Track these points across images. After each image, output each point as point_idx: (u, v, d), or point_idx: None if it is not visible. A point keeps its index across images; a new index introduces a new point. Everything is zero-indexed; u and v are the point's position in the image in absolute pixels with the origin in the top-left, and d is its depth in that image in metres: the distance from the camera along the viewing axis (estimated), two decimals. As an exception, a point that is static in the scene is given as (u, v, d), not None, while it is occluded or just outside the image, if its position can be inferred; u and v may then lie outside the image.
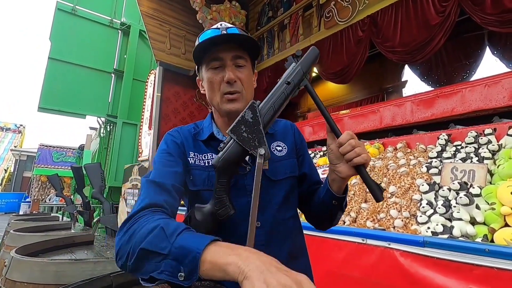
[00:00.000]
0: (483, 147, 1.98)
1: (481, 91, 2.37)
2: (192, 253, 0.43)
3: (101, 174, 1.44)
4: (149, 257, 0.47)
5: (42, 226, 1.47)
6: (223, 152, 0.62)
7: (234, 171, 0.63)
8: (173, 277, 0.44)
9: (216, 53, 0.76)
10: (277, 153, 0.82)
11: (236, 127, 0.61)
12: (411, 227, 1.78)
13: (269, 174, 0.77)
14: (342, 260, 1.44)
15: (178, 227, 0.50)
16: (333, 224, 0.84)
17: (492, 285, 0.97)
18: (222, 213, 0.62)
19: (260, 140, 0.60)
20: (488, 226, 1.50)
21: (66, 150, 14.59)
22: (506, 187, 1.53)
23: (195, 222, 0.61)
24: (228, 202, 0.63)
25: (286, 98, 0.66)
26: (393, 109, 2.93)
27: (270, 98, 0.66)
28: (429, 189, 1.87)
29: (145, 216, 0.56)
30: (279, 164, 0.80)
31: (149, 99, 5.61)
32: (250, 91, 0.82)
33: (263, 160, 0.58)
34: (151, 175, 0.71)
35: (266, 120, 0.64)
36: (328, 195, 0.76)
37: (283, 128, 0.89)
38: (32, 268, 0.64)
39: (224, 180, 0.62)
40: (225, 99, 0.77)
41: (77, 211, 1.80)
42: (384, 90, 5.13)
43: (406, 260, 1.19)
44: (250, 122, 0.61)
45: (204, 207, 0.63)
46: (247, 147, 0.59)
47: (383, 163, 2.45)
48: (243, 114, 0.61)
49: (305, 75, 0.69)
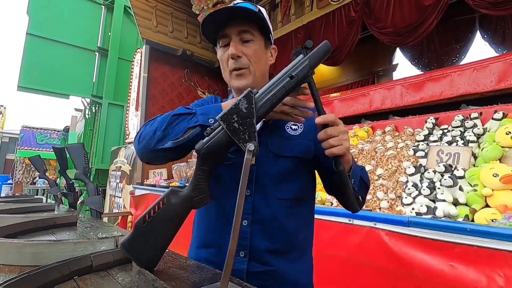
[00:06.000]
0: (468, 131, 2.01)
1: (470, 75, 2.39)
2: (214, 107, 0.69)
3: (85, 155, 1.39)
4: (180, 118, 0.67)
5: (24, 208, 1.42)
6: (209, 138, 0.58)
7: (217, 160, 0.60)
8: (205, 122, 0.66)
9: (223, 31, 0.76)
10: (290, 132, 0.79)
11: (228, 115, 0.56)
12: (396, 208, 1.82)
13: (273, 148, 0.75)
14: (329, 240, 1.46)
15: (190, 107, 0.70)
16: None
17: (472, 261, 1.01)
18: (198, 201, 0.60)
19: (251, 134, 0.56)
20: (469, 207, 1.54)
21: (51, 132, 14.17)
22: (489, 169, 1.56)
23: (169, 205, 0.58)
24: (206, 191, 0.60)
25: (286, 93, 0.61)
26: (383, 92, 2.93)
27: (269, 90, 0.61)
28: (415, 171, 1.91)
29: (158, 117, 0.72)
30: (288, 142, 0.77)
31: (135, 79, 5.43)
32: (260, 67, 0.79)
33: (251, 157, 0.54)
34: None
35: (261, 113, 0.60)
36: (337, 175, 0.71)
37: None
38: (8, 249, 0.62)
39: (205, 168, 0.59)
40: (233, 76, 0.77)
41: (61, 193, 1.75)
42: (374, 73, 5.12)
43: (391, 240, 1.22)
44: (244, 112, 0.56)
45: (180, 191, 0.60)
46: (236, 139, 0.56)
47: (372, 146, 2.48)
48: (238, 102, 0.57)
49: (311, 72, 0.63)
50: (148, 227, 0.56)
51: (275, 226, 0.73)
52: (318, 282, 1.47)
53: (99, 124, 6.64)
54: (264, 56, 0.81)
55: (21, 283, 0.43)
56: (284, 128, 0.80)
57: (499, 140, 1.70)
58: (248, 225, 0.71)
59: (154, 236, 0.54)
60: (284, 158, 0.76)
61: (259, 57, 0.79)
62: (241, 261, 0.70)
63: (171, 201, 0.57)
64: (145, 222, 0.56)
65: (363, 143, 2.62)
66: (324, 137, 0.63)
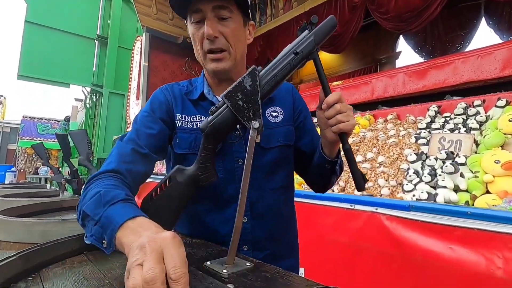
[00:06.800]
0: (471, 118, 2.00)
1: (474, 62, 2.36)
2: (112, 225, 0.45)
3: (88, 141, 1.40)
4: (87, 219, 0.50)
5: (29, 193, 1.44)
6: (213, 117, 0.58)
7: (222, 138, 0.60)
8: (99, 243, 0.47)
9: (195, 4, 0.67)
10: (271, 119, 0.77)
11: (232, 92, 0.55)
12: (397, 195, 1.83)
13: (260, 142, 0.72)
14: (331, 225, 1.48)
15: (115, 197, 0.50)
16: (329, 187, 0.83)
17: (471, 244, 1.03)
18: (204, 179, 0.60)
19: (256, 112, 0.55)
20: (470, 193, 1.56)
21: (52, 122, 14.13)
22: (491, 156, 1.57)
23: (175, 183, 0.59)
24: (212, 169, 0.60)
25: (291, 69, 0.60)
26: (386, 80, 2.91)
27: (274, 67, 0.59)
28: (416, 158, 1.91)
29: (101, 180, 0.57)
30: (272, 131, 0.76)
31: (136, 67, 5.39)
32: (240, 47, 0.73)
33: (256, 134, 0.54)
34: (126, 136, 0.69)
35: (266, 91, 0.58)
36: (321, 159, 0.73)
37: (282, 92, 0.82)
38: (17, 227, 0.63)
39: (210, 146, 0.59)
40: (209, 58, 0.70)
41: (65, 179, 1.77)
42: (377, 61, 5.06)
43: (392, 224, 1.24)
44: (248, 90, 0.55)
45: (186, 169, 0.60)
46: (240, 116, 0.55)
47: (373, 134, 2.48)
48: (242, 80, 0.56)
49: (317, 47, 0.61)
50: (155, 205, 0.57)
51: (272, 216, 0.75)
52: (319, 266, 1.50)
53: (100, 113, 6.63)
54: (243, 35, 0.75)
55: (34, 254, 0.44)
56: (266, 116, 0.77)
57: (501, 127, 1.70)
58: (248, 221, 0.72)
59: (161, 213, 0.55)
60: (271, 149, 0.75)
61: (238, 37, 0.72)
62: (245, 254, 0.70)
63: (177, 179, 0.58)
64: (152, 200, 0.57)
65: (364, 131, 2.62)
66: (333, 113, 0.62)
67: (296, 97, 0.85)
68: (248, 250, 0.71)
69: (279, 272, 0.45)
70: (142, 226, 0.43)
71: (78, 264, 0.49)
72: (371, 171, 2.12)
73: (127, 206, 0.49)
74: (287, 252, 0.79)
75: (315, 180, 0.83)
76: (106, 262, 0.52)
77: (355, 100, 3.05)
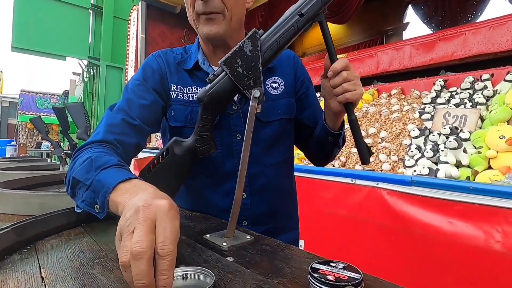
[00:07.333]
0: (478, 93, 1.95)
1: (485, 33, 2.26)
2: (104, 188, 0.42)
3: (85, 114, 1.37)
4: (78, 185, 0.48)
5: (29, 167, 1.44)
6: (211, 85, 0.54)
7: (221, 108, 0.57)
8: (91, 208, 0.45)
9: None
10: (271, 91, 0.73)
11: (231, 59, 0.51)
12: (398, 170, 1.83)
13: (259, 115, 0.68)
14: (330, 199, 1.49)
15: (107, 162, 0.47)
16: (330, 161, 0.81)
17: (471, 218, 1.03)
18: (203, 151, 0.57)
19: (256, 80, 0.51)
20: (472, 169, 1.55)
21: (50, 97, 13.99)
22: (496, 131, 1.54)
23: (173, 155, 0.57)
24: (210, 140, 0.58)
25: (295, 33, 0.54)
26: (391, 53, 2.81)
27: (276, 31, 0.54)
28: (419, 134, 1.89)
29: (90, 148, 0.55)
30: (272, 104, 0.72)
31: (133, 39, 5.21)
32: (237, 11, 0.66)
33: (257, 104, 0.51)
34: (117, 105, 0.65)
35: (267, 57, 0.54)
36: (323, 131, 0.71)
37: (283, 61, 0.77)
38: (15, 199, 0.62)
39: (208, 117, 0.56)
40: (201, 20, 0.64)
41: (64, 153, 1.76)
42: (383, 33, 4.87)
43: (392, 198, 1.24)
44: (248, 56, 0.51)
45: (184, 141, 0.58)
46: (240, 85, 0.51)
47: (376, 109, 2.43)
48: (242, 44, 0.51)
49: (323, 8, 0.56)
50: (153, 177, 0.55)
51: (272, 191, 0.74)
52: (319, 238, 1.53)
53: (98, 87, 6.52)
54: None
55: (29, 226, 0.43)
56: (265, 87, 0.72)
57: (509, 102, 1.65)
58: (247, 197, 0.70)
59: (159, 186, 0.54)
60: (271, 123, 0.72)
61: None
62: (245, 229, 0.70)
63: (174, 152, 0.56)
64: (149, 172, 0.55)
65: (367, 106, 2.57)
66: (339, 81, 0.58)
67: (298, 66, 0.80)
68: (248, 226, 0.71)
69: (280, 245, 0.44)
70: (138, 186, 0.41)
71: (75, 236, 0.48)
72: (373, 147, 2.11)
73: (120, 170, 0.46)
74: (287, 225, 0.79)
75: (316, 153, 0.81)
76: (104, 234, 0.51)
77: (359, 74, 2.96)
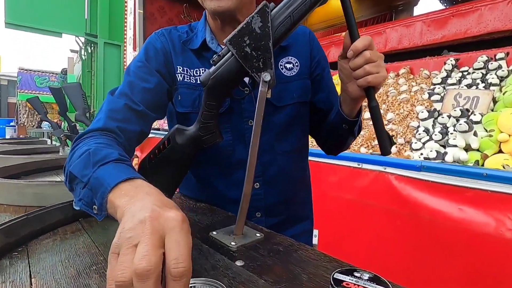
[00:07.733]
0: (491, 73, 1.86)
1: (503, 9, 2.13)
2: (103, 187, 0.37)
3: (83, 95, 1.31)
4: (75, 181, 0.43)
5: (28, 149, 1.41)
6: (216, 67, 0.49)
7: (227, 93, 0.51)
8: (89, 208, 0.40)
9: None
10: (285, 72, 0.67)
11: (238, 37, 0.45)
12: (404, 153, 1.79)
13: (272, 99, 0.64)
14: (336, 183, 1.47)
15: (107, 156, 0.42)
16: (343, 150, 0.75)
17: (482, 205, 1.00)
18: (207, 140, 0.53)
19: (267, 62, 0.45)
20: (481, 152, 1.50)
21: (49, 75, 13.77)
22: (509, 114, 1.48)
23: (174, 145, 0.52)
24: (215, 129, 0.53)
25: (311, 6, 0.48)
26: (401, 30, 2.67)
27: (289, 4, 0.48)
28: (428, 116, 1.83)
29: (90, 138, 0.49)
30: (286, 86, 0.66)
31: (130, 15, 5.01)
32: None
33: (267, 89, 0.45)
34: (118, 89, 0.60)
35: (279, 34, 0.47)
36: (338, 118, 0.64)
37: (298, 38, 0.70)
38: (9, 189, 0.59)
39: (213, 103, 0.51)
40: None
41: (64, 135, 1.72)
42: (393, 8, 4.63)
43: (400, 184, 1.21)
44: (257, 33, 0.45)
45: (187, 129, 0.53)
46: (248, 67, 0.46)
47: (383, 90, 2.35)
48: (250, 20, 0.45)
49: None
50: (154, 168, 0.51)
51: (286, 179, 0.70)
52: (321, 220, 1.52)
53: (96, 65, 6.37)
54: None
55: (24, 223, 0.40)
56: (279, 68, 0.67)
57: (525, 83, 1.58)
58: (260, 187, 0.66)
59: (160, 177, 0.50)
60: (284, 107, 0.66)
61: None
62: (258, 220, 0.67)
63: (176, 141, 0.51)
64: (150, 163, 0.51)
65: (374, 86, 2.49)
66: (361, 63, 0.52)
67: (314, 44, 0.73)
68: (261, 217, 0.67)
69: (293, 245, 0.41)
70: (141, 188, 0.36)
71: (71, 235, 0.45)
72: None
73: (121, 167, 0.41)
74: (302, 215, 0.76)
75: (328, 141, 0.75)
76: (103, 232, 0.48)
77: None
